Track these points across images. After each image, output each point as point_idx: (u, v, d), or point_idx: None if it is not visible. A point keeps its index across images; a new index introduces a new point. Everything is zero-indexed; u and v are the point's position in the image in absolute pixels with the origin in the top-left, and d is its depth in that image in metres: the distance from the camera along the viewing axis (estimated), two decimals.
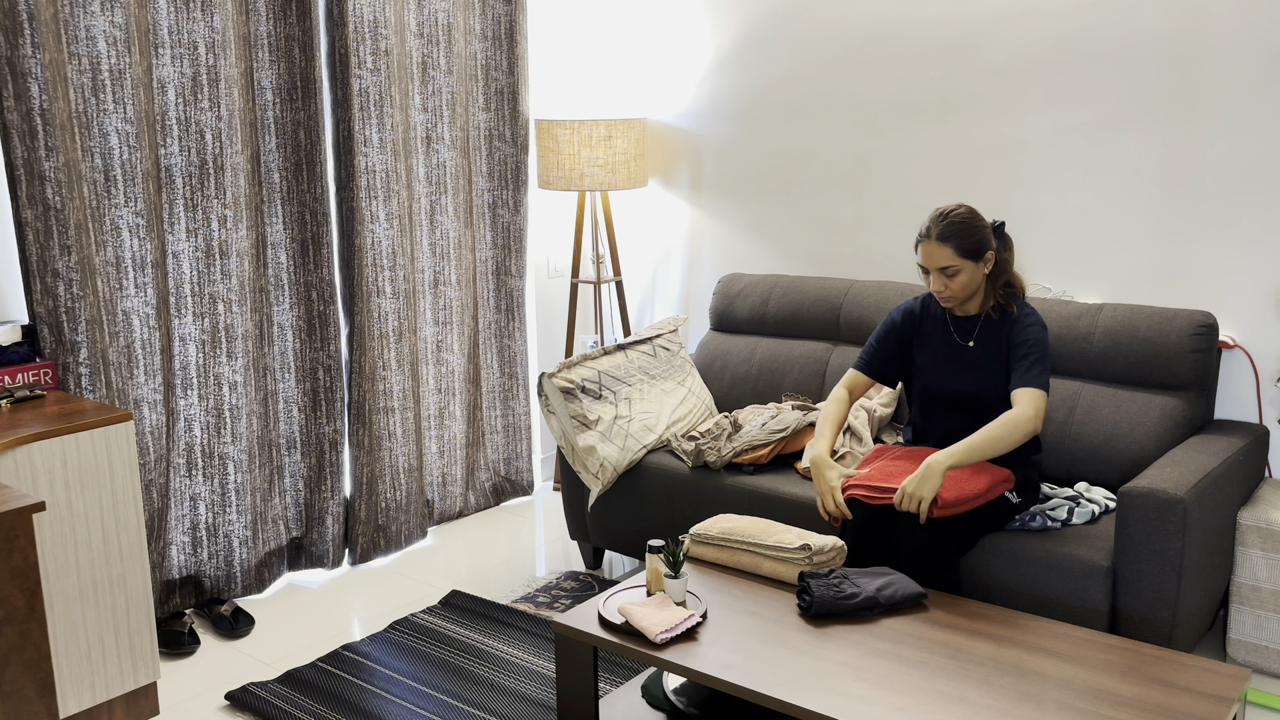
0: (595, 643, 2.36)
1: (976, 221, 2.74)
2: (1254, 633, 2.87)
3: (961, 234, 2.71)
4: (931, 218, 2.75)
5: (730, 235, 4.21)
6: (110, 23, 2.94)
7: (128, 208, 3.05)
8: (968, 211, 2.74)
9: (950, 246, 2.71)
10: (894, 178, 3.74)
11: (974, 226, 2.73)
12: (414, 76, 3.78)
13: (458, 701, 2.83)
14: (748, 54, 4.03)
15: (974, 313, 2.84)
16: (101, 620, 2.67)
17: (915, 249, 2.78)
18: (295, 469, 3.65)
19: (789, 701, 2.06)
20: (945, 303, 2.80)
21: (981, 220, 2.75)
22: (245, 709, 2.84)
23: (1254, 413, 3.16)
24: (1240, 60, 3.03)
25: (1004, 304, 2.80)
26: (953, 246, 2.71)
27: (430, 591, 3.56)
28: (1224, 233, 3.13)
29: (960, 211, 2.74)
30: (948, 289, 2.75)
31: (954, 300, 2.78)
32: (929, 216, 2.77)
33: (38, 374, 2.82)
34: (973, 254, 2.73)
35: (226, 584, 3.44)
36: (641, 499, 3.37)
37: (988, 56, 3.47)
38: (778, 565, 2.58)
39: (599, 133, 3.99)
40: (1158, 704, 2.03)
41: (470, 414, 4.16)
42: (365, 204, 3.62)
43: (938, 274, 2.75)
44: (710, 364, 3.86)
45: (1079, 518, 2.80)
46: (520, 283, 4.22)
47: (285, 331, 3.56)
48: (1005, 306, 2.80)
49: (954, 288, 2.75)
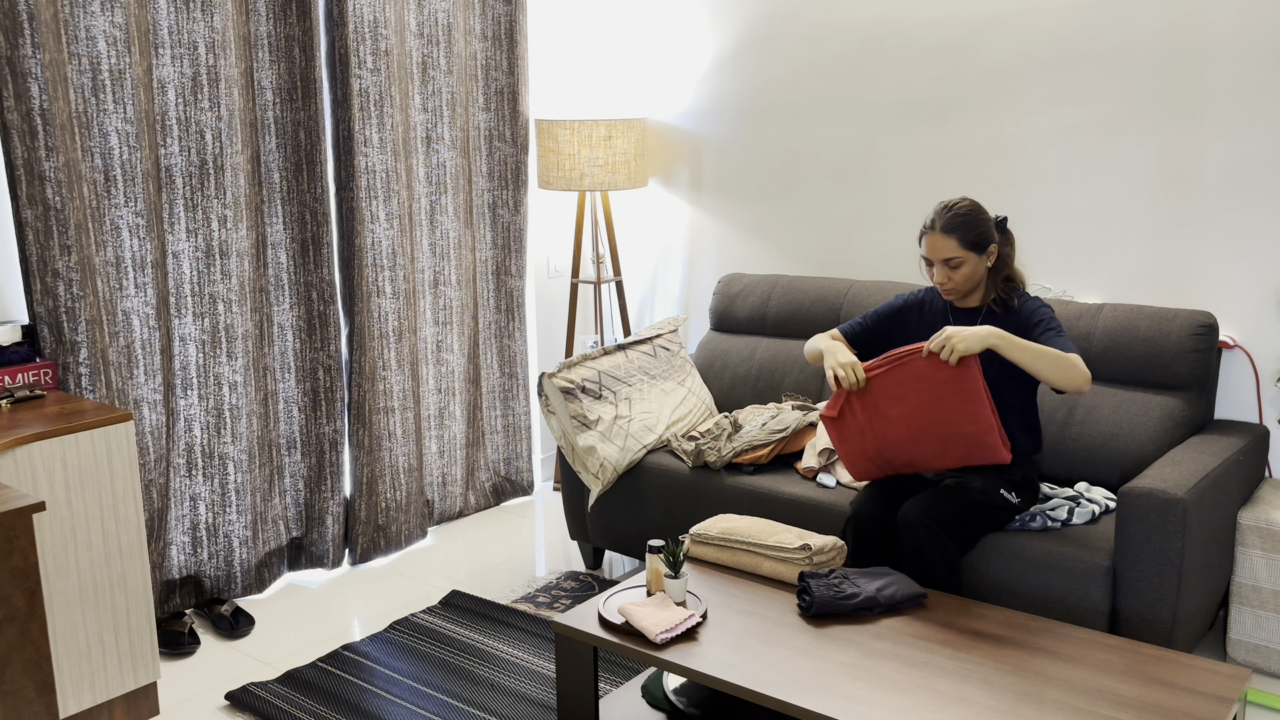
0: (595, 643, 2.36)
1: (980, 214, 2.75)
2: (1254, 633, 2.87)
3: (966, 226, 2.72)
4: (936, 210, 2.76)
5: (730, 235, 4.21)
6: (110, 23, 2.94)
7: (128, 208, 3.05)
8: (972, 204, 2.76)
9: (955, 238, 2.72)
10: (894, 178, 3.74)
11: (978, 219, 2.74)
12: (414, 76, 3.78)
13: (458, 701, 2.83)
14: (748, 54, 4.03)
15: (975, 305, 2.85)
16: (101, 620, 2.67)
17: (919, 241, 2.78)
18: (295, 469, 3.65)
19: (789, 701, 2.07)
20: (947, 295, 2.80)
21: (985, 213, 2.77)
22: (245, 709, 2.84)
23: (1254, 413, 3.16)
24: (1240, 60, 3.03)
25: (1005, 298, 2.81)
26: (957, 238, 2.72)
27: (430, 591, 3.56)
28: (1224, 233, 3.13)
29: (964, 204, 2.75)
30: (950, 281, 2.76)
31: (956, 293, 2.79)
32: (933, 209, 2.78)
33: (38, 374, 2.82)
34: (976, 246, 2.74)
35: (226, 584, 3.44)
36: (641, 499, 3.37)
37: (988, 56, 3.47)
38: (778, 565, 2.58)
39: (599, 133, 3.99)
40: (1158, 704, 2.03)
41: (470, 414, 4.16)
42: (365, 204, 3.62)
43: (941, 266, 2.76)
44: (710, 364, 3.86)
45: (1079, 518, 2.80)
46: (520, 283, 4.22)
47: (285, 331, 3.56)
48: (1006, 300, 2.81)
49: (957, 280, 2.76)
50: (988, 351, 2.73)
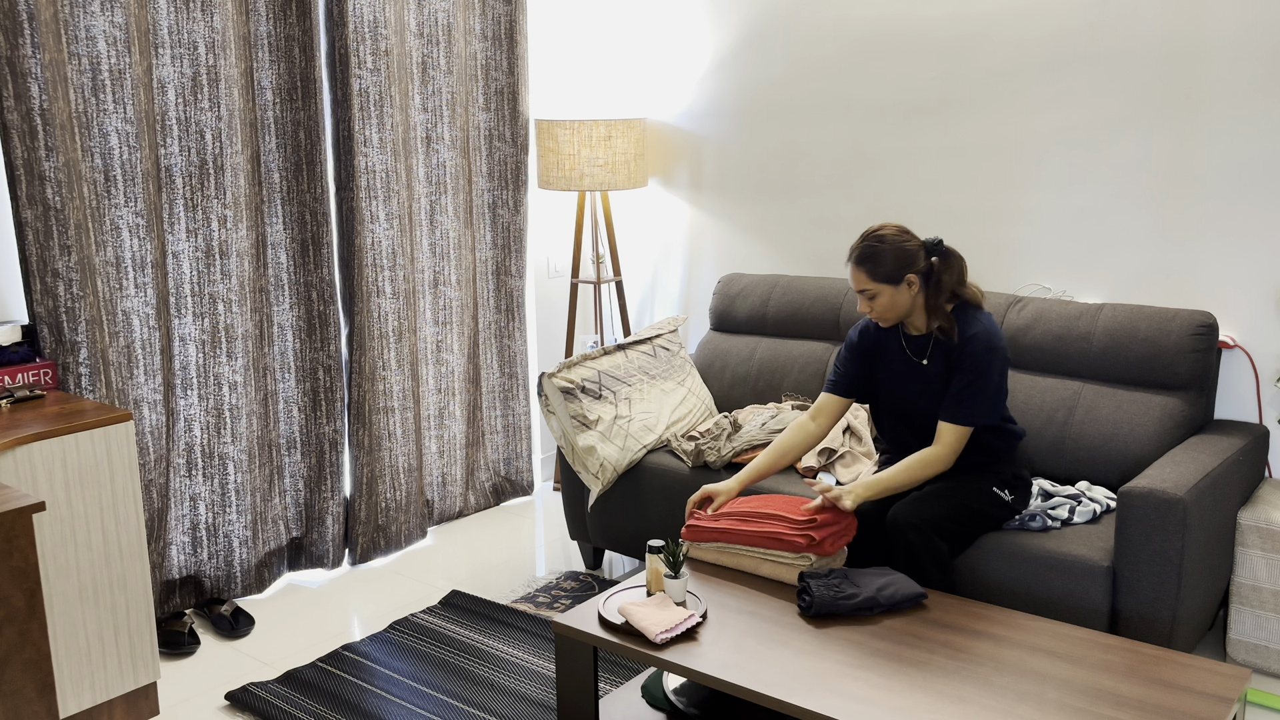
0: (595, 643, 2.36)
1: (897, 244, 2.65)
2: (1254, 633, 2.87)
3: (874, 258, 2.65)
4: (859, 238, 2.71)
5: (730, 235, 4.21)
6: (110, 23, 2.94)
7: (128, 208, 3.05)
8: (893, 232, 2.67)
9: (864, 270, 2.67)
10: (894, 178, 3.74)
11: (893, 250, 2.64)
12: (414, 76, 3.78)
13: (458, 701, 2.83)
14: (747, 54, 4.03)
15: (923, 333, 2.78)
16: (101, 620, 2.67)
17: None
18: (295, 469, 3.65)
19: (789, 701, 2.07)
20: (878, 320, 2.75)
21: (907, 241, 2.67)
22: (245, 709, 2.84)
23: (1254, 413, 3.16)
24: (1240, 60, 3.03)
25: (945, 327, 2.70)
26: (865, 271, 2.67)
27: (430, 591, 3.56)
28: (1224, 233, 3.13)
29: (879, 234, 2.67)
30: (872, 310, 2.72)
31: (882, 320, 2.74)
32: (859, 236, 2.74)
33: (38, 374, 2.82)
34: (890, 279, 2.66)
35: (226, 584, 3.44)
36: (641, 499, 3.37)
37: (988, 56, 3.47)
38: (778, 567, 2.58)
39: (599, 133, 3.99)
40: (1158, 704, 2.03)
41: (470, 414, 4.16)
42: (365, 204, 3.62)
43: (859, 295, 2.72)
44: (710, 364, 3.86)
45: (1080, 516, 2.80)
46: (520, 283, 4.22)
47: (285, 331, 3.56)
48: (947, 329, 2.70)
49: (877, 309, 2.71)
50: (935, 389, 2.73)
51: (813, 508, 2.60)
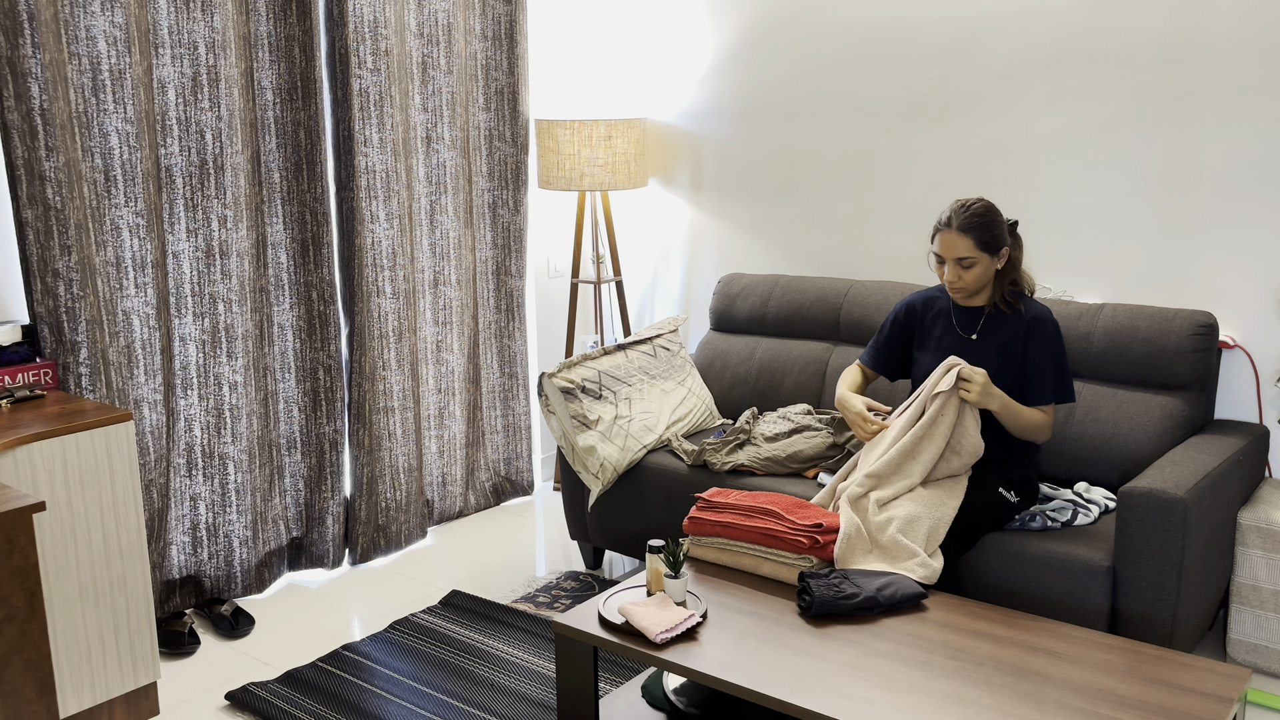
0: (595, 643, 2.36)
1: (997, 216, 2.77)
2: (1254, 633, 2.87)
3: (982, 227, 2.74)
4: (952, 208, 2.77)
5: (730, 235, 4.21)
6: (110, 23, 2.94)
7: (128, 208, 3.05)
8: (988, 205, 2.77)
9: (971, 238, 2.74)
10: (894, 178, 3.74)
11: (994, 221, 2.76)
12: (414, 76, 3.78)
13: (458, 701, 2.83)
14: (747, 54, 4.03)
15: (980, 305, 2.86)
16: (101, 620, 2.67)
17: (932, 238, 2.79)
18: (295, 469, 3.65)
19: (789, 701, 2.07)
20: (955, 294, 2.82)
21: (1000, 216, 2.78)
22: (245, 709, 2.84)
23: (1254, 413, 3.16)
24: (1240, 60, 3.03)
25: (1011, 301, 2.82)
26: (973, 238, 2.74)
27: (430, 591, 3.56)
28: (1224, 233, 3.13)
29: (981, 205, 2.76)
30: (960, 280, 2.77)
31: (964, 292, 2.80)
32: (949, 206, 2.80)
33: (38, 374, 2.82)
34: (990, 248, 2.76)
35: (226, 584, 3.44)
36: (641, 499, 3.37)
37: (988, 56, 3.47)
38: (778, 566, 2.58)
39: (599, 133, 3.99)
40: (1158, 704, 2.03)
41: (470, 414, 4.16)
42: (365, 204, 3.62)
43: (954, 264, 2.77)
44: (710, 364, 3.86)
45: (1081, 518, 2.80)
46: (520, 283, 4.22)
47: (285, 331, 3.56)
48: (1012, 303, 2.82)
49: (967, 279, 2.77)
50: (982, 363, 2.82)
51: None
